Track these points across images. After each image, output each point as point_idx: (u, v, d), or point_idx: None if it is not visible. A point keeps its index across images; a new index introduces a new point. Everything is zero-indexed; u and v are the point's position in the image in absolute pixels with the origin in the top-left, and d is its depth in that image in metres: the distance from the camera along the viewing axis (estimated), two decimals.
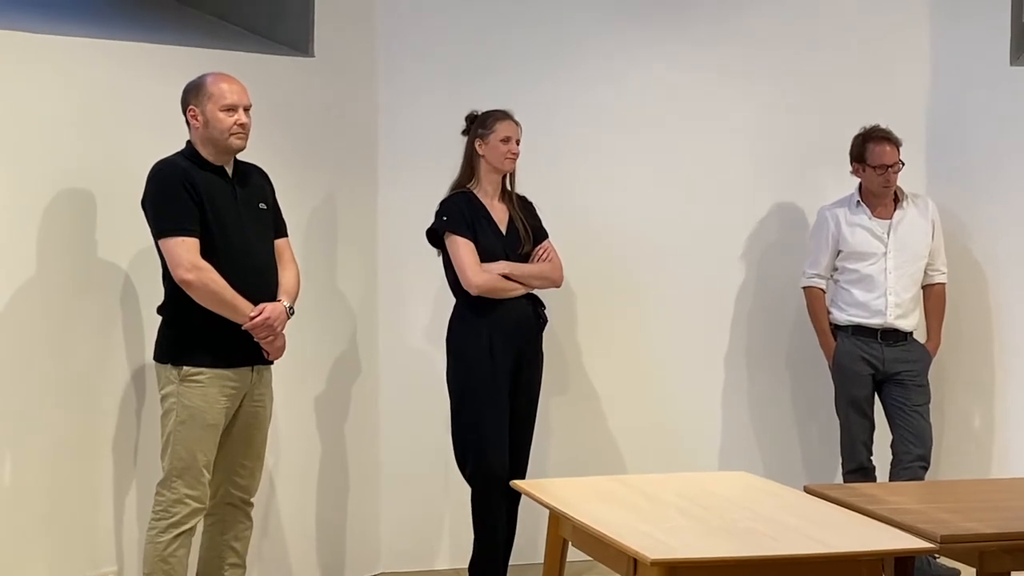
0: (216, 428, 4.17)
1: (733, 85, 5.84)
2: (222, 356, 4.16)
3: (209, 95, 4.17)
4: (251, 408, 4.27)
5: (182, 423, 4.12)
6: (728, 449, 5.84)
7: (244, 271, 4.17)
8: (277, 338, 4.24)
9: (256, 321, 4.16)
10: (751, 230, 5.87)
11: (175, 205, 4.10)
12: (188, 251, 4.07)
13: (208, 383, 4.13)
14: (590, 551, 3.46)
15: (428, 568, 5.57)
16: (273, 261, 4.33)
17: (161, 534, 4.13)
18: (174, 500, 4.13)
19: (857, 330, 5.43)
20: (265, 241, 4.31)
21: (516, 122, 4.96)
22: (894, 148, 5.40)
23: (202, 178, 4.15)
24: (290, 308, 4.29)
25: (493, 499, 4.89)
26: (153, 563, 4.13)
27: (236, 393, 4.20)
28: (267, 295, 4.24)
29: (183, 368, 4.13)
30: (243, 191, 4.27)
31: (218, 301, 4.11)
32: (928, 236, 5.51)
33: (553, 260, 5.02)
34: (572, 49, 5.69)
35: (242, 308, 4.14)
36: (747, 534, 3.25)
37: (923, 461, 5.36)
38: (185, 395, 4.12)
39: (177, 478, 4.13)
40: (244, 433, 4.27)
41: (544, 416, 5.26)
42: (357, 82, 5.44)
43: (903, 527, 3.26)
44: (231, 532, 4.32)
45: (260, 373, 4.29)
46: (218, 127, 4.16)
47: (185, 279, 4.08)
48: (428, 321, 5.50)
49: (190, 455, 4.12)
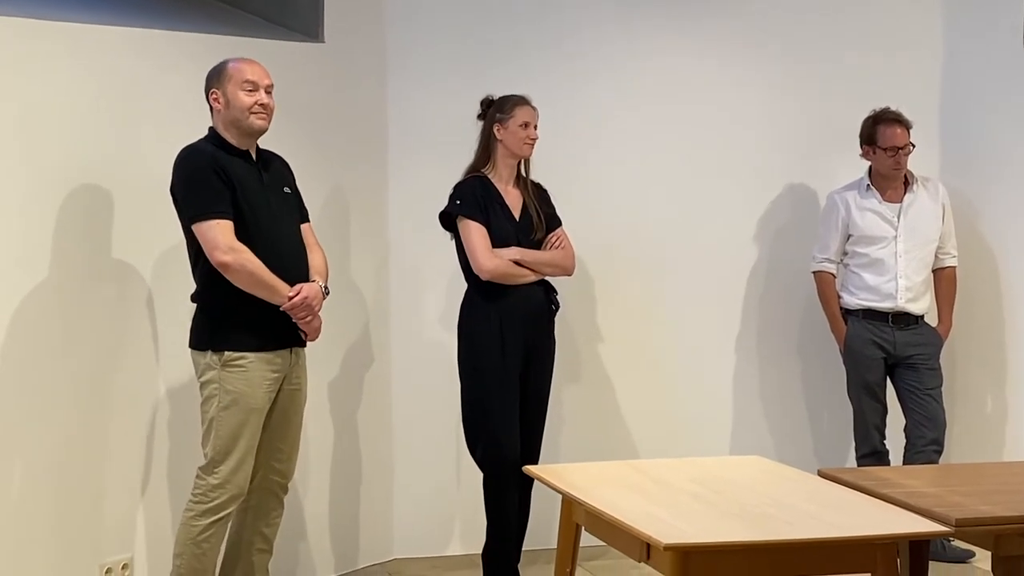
0: (260, 412, 4.16)
1: (742, 69, 5.83)
2: (263, 339, 4.15)
3: (230, 76, 4.17)
4: (289, 391, 4.27)
5: (225, 408, 4.11)
6: (740, 434, 5.84)
7: (276, 254, 4.17)
8: (315, 318, 4.23)
9: (295, 300, 4.15)
10: (761, 215, 5.87)
11: (207, 189, 4.08)
12: (223, 233, 4.06)
13: (251, 367, 4.12)
14: (603, 536, 3.45)
15: (441, 554, 5.58)
16: (301, 244, 4.33)
17: (198, 518, 4.12)
18: (215, 485, 4.11)
19: (868, 314, 5.43)
20: (293, 225, 4.32)
21: (534, 107, 4.94)
22: (904, 130, 5.39)
23: (230, 162, 4.15)
24: (325, 288, 4.29)
25: (505, 485, 4.88)
26: (185, 545, 4.13)
27: (278, 376, 4.20)
28: (300, 276, 4.23)
29: (224, 353, 4.11)
30: (268, 176, 4.27)
31: (256, 282, 4.09)
32: (939, 219, 5.50)
33: (566, 248, 5.00)
34: (581, 36, 5.68)
35: (280, 289, 4.14)
36: (761, 518, 3.24)
37: (937, 445, 5.36)
38: (227, 380, 4.11)
39: (220, 463, 4.11)
40: (282, 416, 4.27)
41: (556, 402, 5.26)
42: (367, 68, 5.43)
43: (918, 511, 3.25)
44: (264, 519, 4.32)
45: (297, 355, 4.29)
46: (239, 106, 4.15)
47: (223, 261, 4.06)
48: (440, 307, 5.49)
49: (233, 440, 4.11)
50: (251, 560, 4.32)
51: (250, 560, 4.32)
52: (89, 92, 4.45)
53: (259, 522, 4.32)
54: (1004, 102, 5.71)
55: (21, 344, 4.28)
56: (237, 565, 4.33)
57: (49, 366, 4.35)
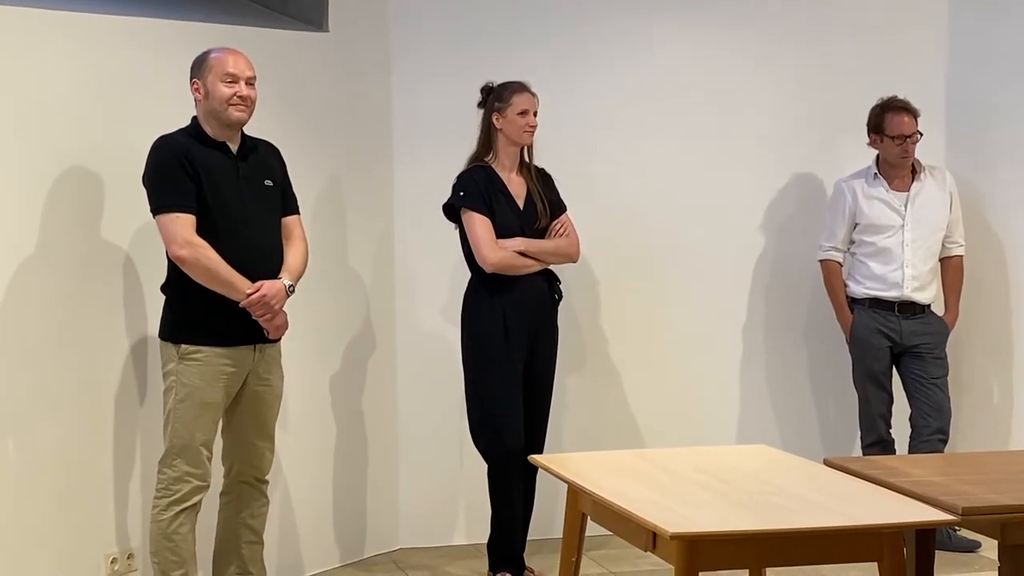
0: (214, 407, 4.15)
1: (748, 58, 5.81)
2: (222, 334, 4.13)
3: (210, 67, 4.16)
4: (257, 387, 4.25)
5: (181, 401, 4.12)
6: (746, 423, 5.83)
7: (244, 249, 4.14)
8: (276, 316, 4.18)
9: (252, 299, 4.12)
10: (768, 203, 5.85)
11: (171, 181, 4.08)
12: (182, 227, 4.05)
13: (205, 361, 4.12)
14: (609, 525, 3.44)
15: (446, 544, 5.57)
16: (277, 239, 4.28)
17: (163, 512, 4.13)
18: (175, 478, 4.12)
19: (874, 303, 5.42)
20: (269, 218, 4.27)
21: (533, 93, 4.92)
22: (912, 118, 5.37)
23: (202, 154, 4.13)
24: (290, 286, 4.22)
25: (509, 474, 4.88)
26: (157, 540, 4.14)
27: (236, 372, 4.18)
28: (268, 273, 4.18)
29: (182, 346, 4.12)
30: (247, 167, 4.23)
31: (213, 278, 4.08)
32: (946, 208, 5.48)
33: (570, 235, 4.99)
34: (586, 27, 5.67)
35: (239, 285, 4.11)
36: (767, 507, 3.23)
37: (942, 434, 5.35)
38: (184, 373, 4.11)
39: (177, 456, 4.12)
40: (252, 412, 4.26)
41: (561, 391, 5.25)
42: (372, 57, 5.42)
43: (924, 499, 3.24)
44: (247, 510, 4.32)
45: (263, 351, 4.24)
46: (217, 97, 4.13)
47: (179, 255, 4.06)
48: (444, 298, 5.48)
49: (188, 433, 4.11)
50: (241, 553, 4.32)
51: (240, 553, 4.32)
52: (88, 81, 4.44)
53: (242, 513, 4.32)
54: (1011, 90, 5.68)
55: (20, 336, 4.27)
56: (230, 559, 4.33)
57: (49, 357, 4.34)
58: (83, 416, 4.42)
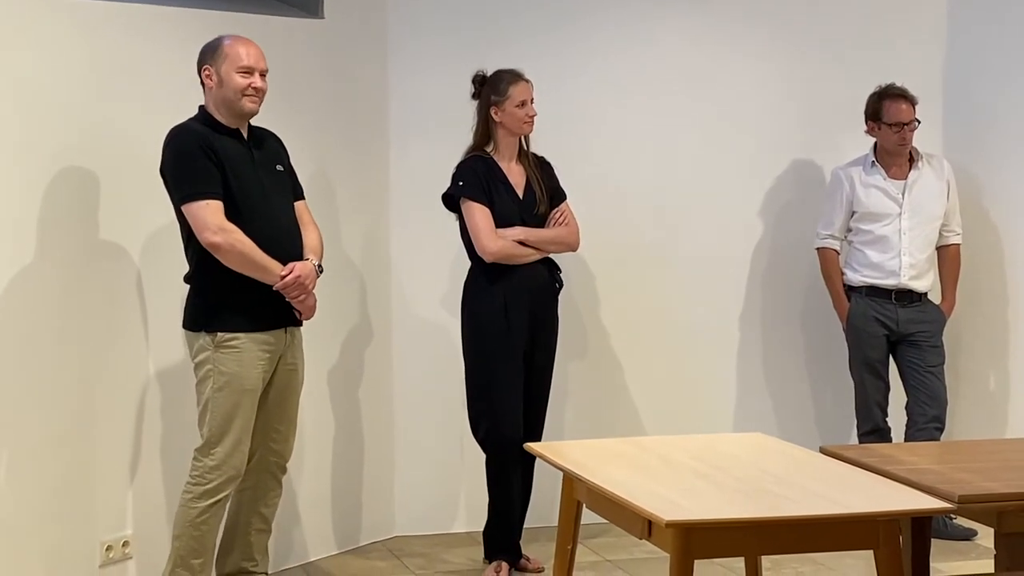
0: (254, 393, 4.15)
1: (746, 46, 5.80)
2: (256, 319, 4.14)
3: (225, 56, 4.14)
4: (285, 371, 4.26)
5: (219, 389, 4.10)
6: (743, 411, 5.83)
7: (268, 233, 4.15)
8: (309, 296, 4.22)
9: (288, 280, 4.14)
10: (766, 192, 5.84)
11: (196, 169, 4.07)
12: (213, 214, 4.05)
13: (244, 347, 4.12)
14: (605, 513, 3.44)
15: (444, 532, 5.57)
16: (295, 222, 4.31)
17: (195, 500, 4.12)
18: (212, 467, 4.11)
19: (871, 291, 5.41)
20: (286, 203, 4.30)
21: (527, 80, 4.90)
22: (910, 106, 5.36)
23: (219, 142, 4.13)
24: (319, 266, 4.27)
25: (507, 463, 4.88)
26: (183, 527, 4.13)
27: (272, 356, 4.19)
28: (293, 255, 4.21)
29: (217, 334, 4.11)
30: (260, 154, 4.25)
31: (247, 262, 4.08)
32: (943, 197, 5.48)
33: (570, 224, 4.98)
34: (584, 15, 5.65)
35: (272, 268, 4.12)
36: (763, 495, 3.23)
37: (938, 422, 5.35)
38: (221, 361, 4.10)
39: (216, 445, 4.11)
40: (279, 397, 4.27)
41: (560, 379, 5.25)
42: (368, 44, 5.40)
43: (920, 487, 3.24)
44: (263, 499, 4.33)
45: (293, 335, 4.28)
46: (232, 87, 4.13)
47: (213, 242, 4.05)
48: (442, 287, 5.48)
49: (228, 421, 4.11)
50: (249, 540, 4.32)
51: (248, 540, 4.32)
52: (81, 68, 4.42)
53: (257, 503, 4.31)
54: (1009, 77, 5.67)
55: (13, 325, 4.25)
56: (235, 545, 4.33)
57: (43, 346, 4.32)
58: (79, 405, 4.42)
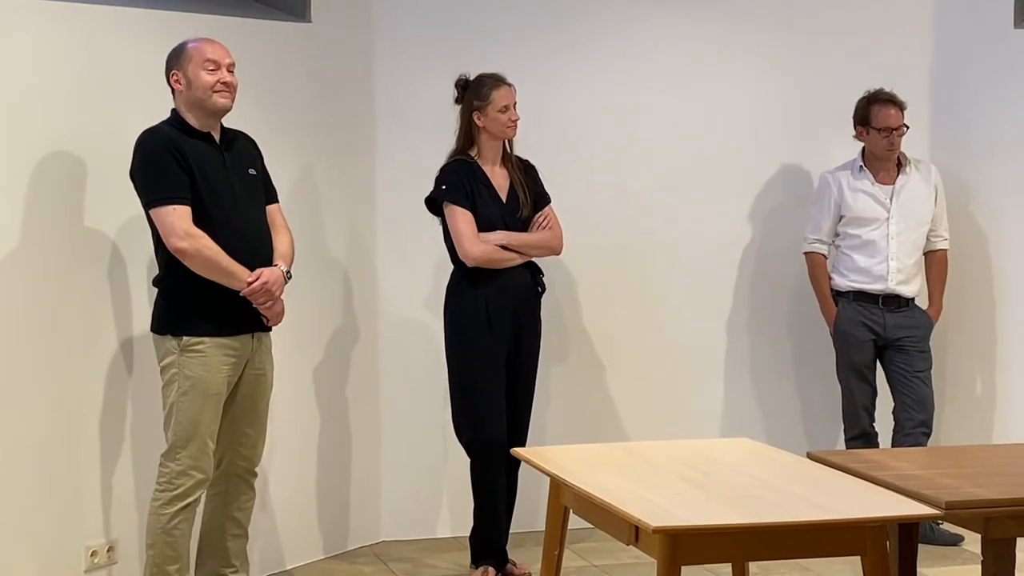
0: (219, 397, 4.14)
1: (734, 50, 5.80)
2: (222, 324, 4.13)
3: (190, 57, 4.14)
4: (252, 376, 4.25)
5: (184, 394, 4.10)
6: (730, 416, 5.83)
7: (238, 238, 4.14)
8: (276, 303, 4.21)
9: (254, 286, 4.13)
10: (753, 196, 5.84)
11: (164, 173, 4.06)
12: (180, 219, 4.04)
13: (209, 352, 4.11)
14: (592, 519, 3.43)
15: (430, 536, 5.56)
16: (266, 227, 4.29)
17: (165, 506, 4.11)
18: (178, 472, 4.10)
19: (858, 296, 5.42)
20: (257, 207, 4.28)
21: (510, 84, 4.89)
22: (898, 111, 5.37)
23: (190, 145, 4.12)
24: (287, 272, 4.26)
25: (492, 467, 4.87)
26: (155, 535, 4.12)
27: (238, 361, 4.18)
28: (263, 261, 4.20)
29: (183, 338, 4.10)
30: (231, 157, 4.23)
31: (214, 268, 4.07)
32: (931, 202, 5.48)
33: (553, 228, 4.97)
34: (572, 18, 5.65)
35: (239, 274, 4.11)
36: (750, 501, 3.22)
37: (925, 427, 5.35)
38: (186, 365, 4.10)
39: (181, 449, 4.10)
40: (246, 402, 4.25)
41: (544, 384, 5.24)
42: (355, 48, 5.39)
43: (907, 493, 3.23)
44: (234, 503, 4.31)
45: (260, 340, 4.26)
46: (200, 85, 4.12)
47: (179, 247, 4.04)
48: (427, 290, 5.47)
49: (193, 425, 4.10)
50: (226, 545, 4.31)
51: (224, 545, 4.31)
52: (69, 70, 4.40)
53: (230, 507, 4.30)
54: (994, 83, 5.68)
55: (2, 326, 4.23)
56: (212, 551, 4.32)
57: (32, 348, 4.31)
58: (65, 408, 4.40)
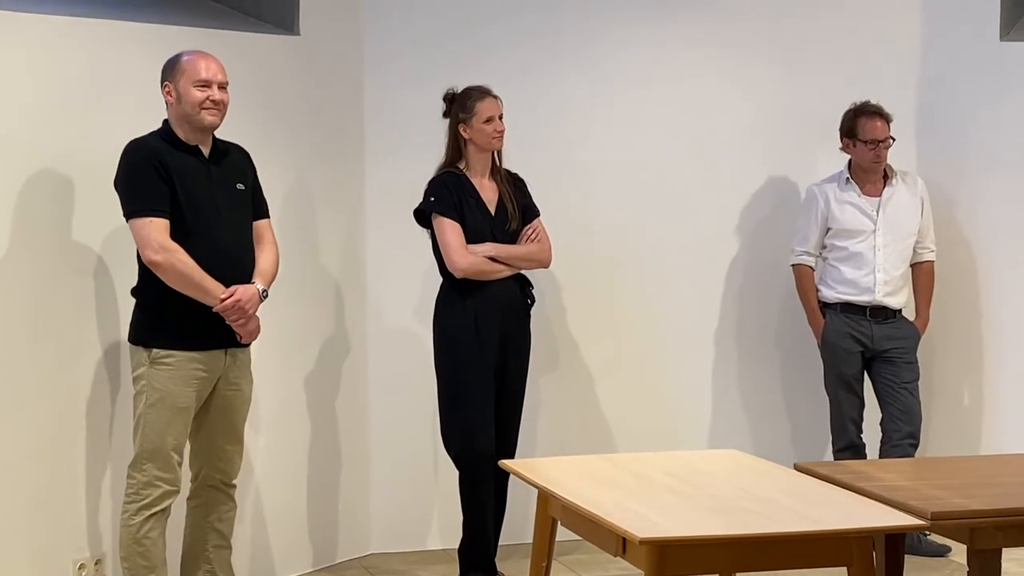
0: (186, 411, 4.14)
1: (721, 63, 5.82)
2: (192, 339, 4.12)
3: (183, 71, 4.14)
4: (227, 392, 4.24)
5: (151, 406, 4.10)
6: (717, 427, 5.84)
7: (217, 253, 4.13)
8: (249, 321, 4.18)
9: (226, 303, 4.11)
10: (740, 208, 5.86)
11: (144, 185, 4.06)
12: (156, 232, 4.04)
13: (177, 366, 4.10)
14: (579, 530, 3.44)
15: (419, 549, 5.56)
16: (249, 243, 4.28)
17: (133, 516, 4.11)
18: (145, 483, 4.11)
19: (846, 308, 5.43)
20: (241, 222, 4.26)
21: (495, 96, 4.90)
22: (885, 123, 5.39)
23: (175, 158, 4.12)
24: (264, 291, 4.22)
25: (480, 479, 4.87)
26: (128, 546, 4.12)
27: (208, 376, 4.16)
28: (242, 277, 4.18)
29: (153, 350, 4.11)
30: (219, 171, 4.22)
31: (187, 283, 4.07)
32: (917, 214, 5.50)
33: (542, 241, 4.98)
34: (558, 28, 5.67)
35: (212, 290, 4.10)
36: (737, 512, 3.23)
37: (912, 438, 5.37)
38: (155, 377, 4.10)
39: (147, 460, 4.11)
40: (222, 417, 4.24)
41: (533, 396, 5.25)
42: (344, 60, 5.41)
43: (894, 504, 3.25)
44: (214, 514, 4.30)
45: (235, 356, 4.24)
46: (190, 101, 4.12)
47: (153, 260, 4.05)
48: (416, 302, 5.47)
49: (159, 438, 4.10)
50: (209, 557, 4.30)
51: (208, 557, 4.30)
52: (58, 82, 4.40)
53: (210, 518, 4.30)
54: (980, 95, 5.70)
55: None
56: (196, 563, 4.31)
57: (20, 359, 4.30)
58: (53, 420, 4.38)
